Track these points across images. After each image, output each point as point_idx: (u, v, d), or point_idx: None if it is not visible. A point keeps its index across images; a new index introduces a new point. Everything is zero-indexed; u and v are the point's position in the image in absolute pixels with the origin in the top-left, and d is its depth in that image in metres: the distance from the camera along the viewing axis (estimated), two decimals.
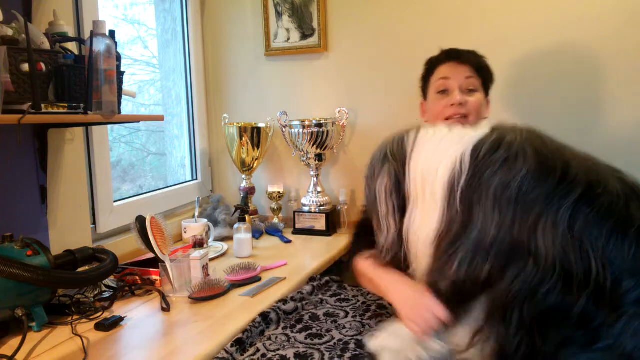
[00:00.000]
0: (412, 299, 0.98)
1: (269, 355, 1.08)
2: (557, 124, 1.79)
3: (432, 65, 1.44)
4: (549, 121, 1.80)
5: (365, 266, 1.19)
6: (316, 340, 1.15)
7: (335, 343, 1.14)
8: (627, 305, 0.80)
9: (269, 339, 1.16)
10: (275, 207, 2.19)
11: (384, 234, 1.08)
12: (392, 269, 1.10)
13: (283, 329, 1.21)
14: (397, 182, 1.06)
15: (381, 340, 0.99)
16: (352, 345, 1.12)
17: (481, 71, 1.39)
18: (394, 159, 1.08)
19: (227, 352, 1.06)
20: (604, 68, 1.75)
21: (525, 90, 1.85)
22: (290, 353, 1.08)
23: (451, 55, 1.40)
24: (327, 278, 1.52)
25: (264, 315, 1.23)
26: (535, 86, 1.83)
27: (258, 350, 1.10)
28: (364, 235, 1.23)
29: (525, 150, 0.90)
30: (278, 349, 1.11)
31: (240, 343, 1.11)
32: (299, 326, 1.22)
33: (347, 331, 1.19)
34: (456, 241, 0.91)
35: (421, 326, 0.94)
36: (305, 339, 1.16)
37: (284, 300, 1.32)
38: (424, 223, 0.99)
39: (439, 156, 0.99)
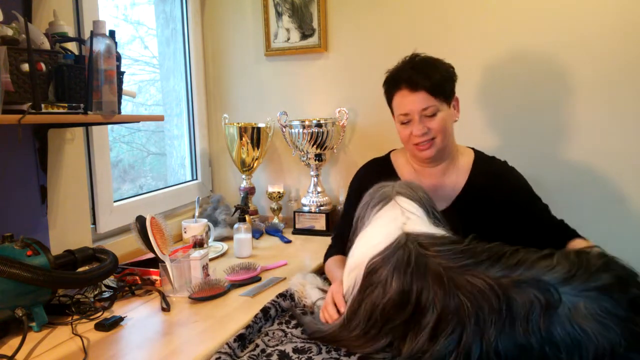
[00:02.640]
0: (329, 294, 1.24)
1: (268, 351, 1.09)
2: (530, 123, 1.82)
3: (389, 91, 1.43)
4: (520, 121, 1.84)
5: (330, 264, 1.48)
6: None
7: None
8: None
9: (267, 334, 1.18)
10: (275, 207, 2.19)
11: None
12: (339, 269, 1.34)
13: (279, 324, 1.23)
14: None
15: (296, 279, 1.41)
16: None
17: (438, 90, 1.35)
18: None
19: (229, 346, 1.07)
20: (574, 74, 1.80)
21: (504, 90, 1.86)
22: (288, 348, 1.10)
23: (403, 82, 1.36)
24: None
25: (264, 311, 1.24)
26: (515, 87, 1.85)
27: (257, 345, 1.12)
28: (339, 243, 1.48)
29: (393, 277, 1.05)
30: (277, 345, 1.12)
31: (242, 339, 1.12)
32: (294, 322, 1.24)
33: None
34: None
35: (325, 316, 1.20)
36: (302, 333, 1.18)
37: (283, 296, 1.33)
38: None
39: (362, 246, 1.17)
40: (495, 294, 0.94)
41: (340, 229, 1.54)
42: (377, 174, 1.49)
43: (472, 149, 1.52)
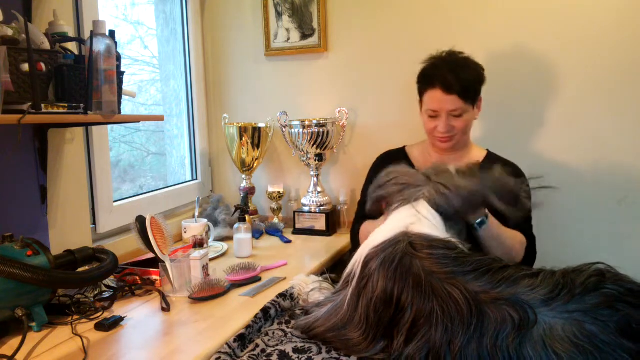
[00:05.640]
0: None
1: (268, 351, 1.09)
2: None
3: (423, 84, 1.52)
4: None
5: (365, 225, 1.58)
6: None
7: None
8: None
9: (267, 334, 1.18)
10: (275, 207, 2.19)
11: None
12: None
13: (279, 324, 1.23)
14: None
15: (296, 280, 1.42)
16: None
17: (468, 94, 1.45)
18: None
19: (229, 346, 1.07)
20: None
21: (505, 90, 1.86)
22: (289, 348, 1.10)
23: (438, 82, 1.45)
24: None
25: (264, 311, 1.24)
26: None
27: (257, 345, 1.12)
28: (362, 217, 1.61)
29: (379, 272, 1.06)
30: (277, 345, 1.12)
31: (242, 339, 1.12)
32: (294, 321, 1.24)
33: None
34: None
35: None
36: (302, 333, 1.17)
37: (283, 296, 1.33)
38: None
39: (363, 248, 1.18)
40: (469, 307, 0.93)
41: (359, 213, 1.69)
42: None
43: (487, 150, 1.62)
